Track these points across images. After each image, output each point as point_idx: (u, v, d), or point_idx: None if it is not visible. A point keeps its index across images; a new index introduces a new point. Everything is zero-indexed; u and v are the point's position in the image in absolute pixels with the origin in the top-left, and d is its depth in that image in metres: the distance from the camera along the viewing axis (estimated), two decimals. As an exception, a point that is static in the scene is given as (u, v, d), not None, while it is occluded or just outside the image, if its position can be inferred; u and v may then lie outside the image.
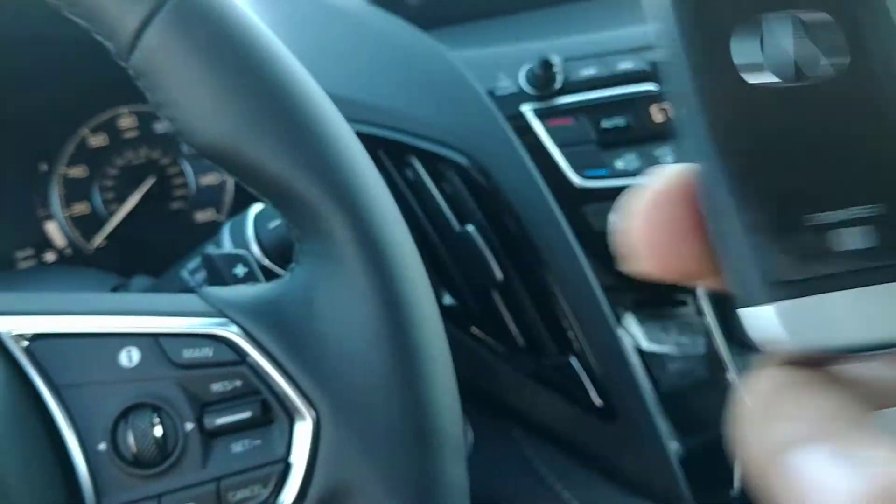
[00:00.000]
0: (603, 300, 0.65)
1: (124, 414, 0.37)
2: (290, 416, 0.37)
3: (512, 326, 0.66)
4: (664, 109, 0.70)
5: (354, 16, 0.73)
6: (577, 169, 0.68)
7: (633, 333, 0.68)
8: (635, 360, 0.66)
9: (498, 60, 0.71)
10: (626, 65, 0.70)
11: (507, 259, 0.66)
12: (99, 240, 0.80)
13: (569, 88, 0.69)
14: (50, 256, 0.80)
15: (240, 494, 0.37)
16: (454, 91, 0.67)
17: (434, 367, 0.37)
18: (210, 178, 0.83)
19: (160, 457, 0.37)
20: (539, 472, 0.68)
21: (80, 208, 0.80)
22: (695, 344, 0.68)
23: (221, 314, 0.38)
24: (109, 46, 0.37)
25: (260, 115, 0.36)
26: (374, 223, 0.36)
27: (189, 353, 0.37)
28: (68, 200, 0.80)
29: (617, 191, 0.67)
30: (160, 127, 0.81)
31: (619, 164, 0.68)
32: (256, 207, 0.57)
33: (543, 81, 0.68)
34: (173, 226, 0.82)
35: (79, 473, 0.36)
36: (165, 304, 0.38)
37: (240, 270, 0.45)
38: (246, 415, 0.37)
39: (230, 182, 0.83)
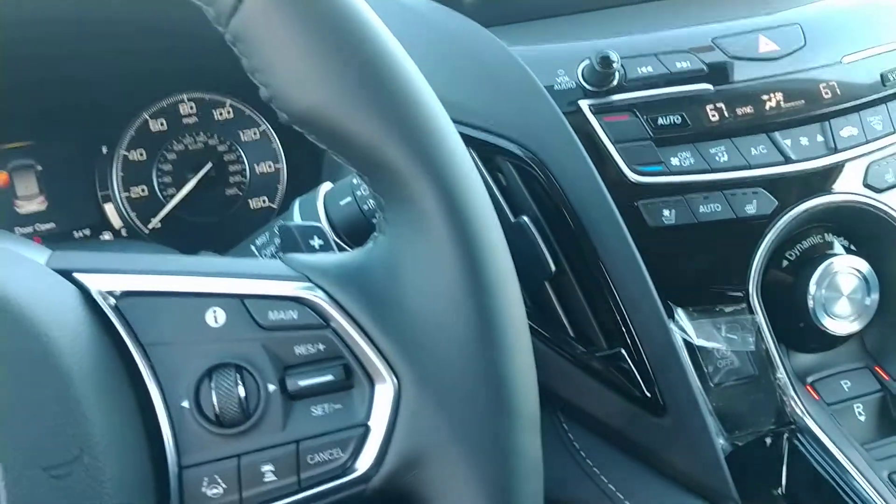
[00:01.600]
0: (655, 295, 0.66)
1: (208, 373, 0.38)
2: (371, 381, 0.38)
3: (563, 317, 0.67)
4: (719, 108, 0.70)
5: (416, 9, 0.74)
6: (632, 165, 0.68)
7: (684, 329, 0.68)
8: (685, 356, 0.66)
9: (557, 56, 0.71)
10: (682, 64, 0.71)
11: (561, 250, 0.66)
12: (155, 222, 0.81)
13: (626, 86, 0.69)
14: (106, 237, 0.81)
15: (318, 457, 0.38)
16: (513, 84, 0.68)
17: (514, 339, 0.38)
18: (265, 167, 0.84)
19: (242, 417, 0.38)
20: (584, 463, 0.68)
21: (138, 191, 0.82)
22: (745, 341, 0.69)
23: (306, 279, 0.39)
24: (208, 11, 0.38)
25: (353, 85, 0.37)
26: (460, 193, 0.37)
27: (274, 315, 0.38)
28: (127, 183, 0.81)
29: (671, 187, 0.68)
30: (219, 114, 0.83)
31: (674, 161, 0.69)
32: (326, 186, 0.58)
33: (602, 78, 0.68)
34: (227, 211, 0.83)
35: (162, 430, 0.37)
36: (251, 267, 0.39)
37: (316, 242, 0.46)
38: (328, 378, 0.38)
39: (284, 171, 0.84)
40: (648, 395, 0.65)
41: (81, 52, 0.77)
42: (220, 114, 0.83)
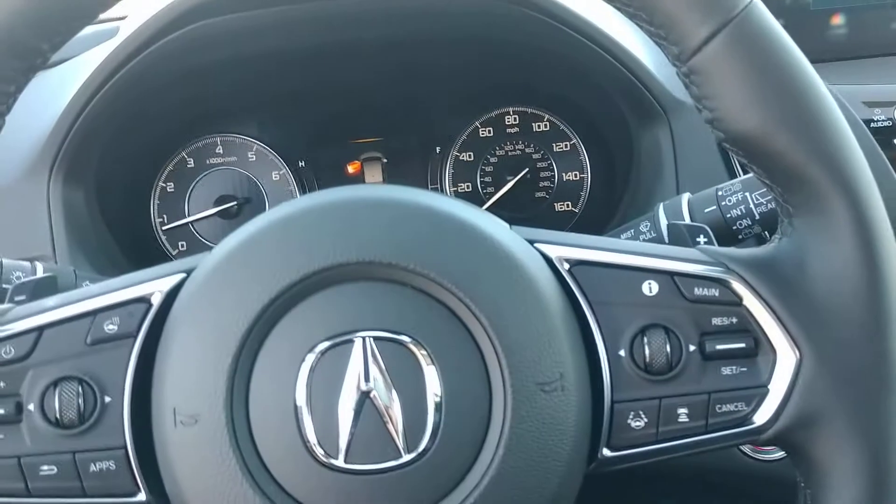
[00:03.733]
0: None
1: (642, 331, 0.48)
2: (775, 352, 0.47)
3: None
4: None
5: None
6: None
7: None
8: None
9: (863, 96, 0.78)
10: None
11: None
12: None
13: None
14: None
15: (725, 408, 0.47)
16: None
17: None
18: (571, 175, 0.95)
19: (667, 368, 0.47)
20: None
21: (464, 186, 0.95)
22: None
23: (724, 266, 0.48)
24: (670, 49, 0.48)
25: (787, 114, 0.45)
26: (867, 209, 0.45)
27: (699, 291, 0.48)
28: (455, 179, 0.95)
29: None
30: (537, 126, 0.95)
31: None
32: (687, 195, 0.67)
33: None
34: (534, 211, 0.95)
35: (602, 371, 0.48)
36: (674, 252, 0.49)
37: (701, 239, 0.55)
38: (739, 345, 0.47)
39: (588, 180, 0.95)
40: None
41: (428, 66, 0.91)
42: (538, 126, 0.95)
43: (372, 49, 0.87)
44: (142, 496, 0.46)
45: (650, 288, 0.48)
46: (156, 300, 0.47)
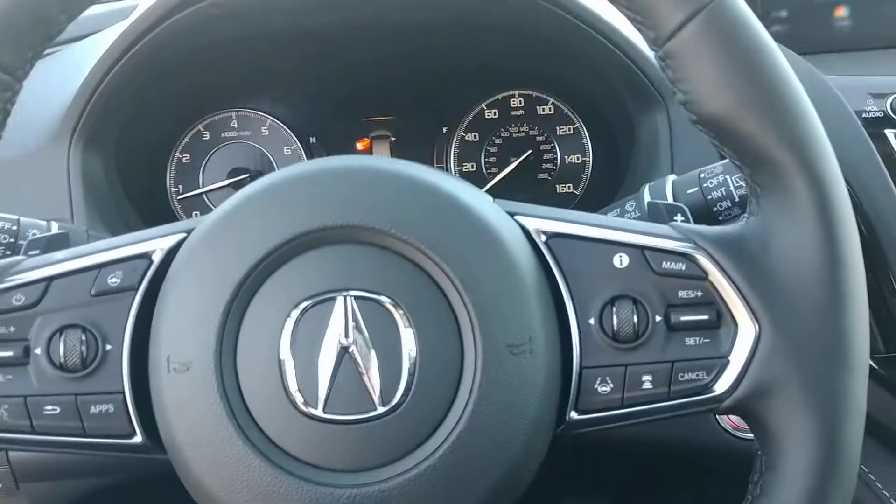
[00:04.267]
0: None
1: (612, 301, 0.50)
2: (736, 325, 0.49)
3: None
4: None
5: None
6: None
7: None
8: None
9: (867, 87, 0.79)
10: None
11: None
12: (478, 194, 0.96)
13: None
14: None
15: (687, 376, 0.50)
16: (829, 108, 0.77)
17: (860, 311, 0.48)
18: (574, 159, 0.97)
19: (633, 336, 0.50)
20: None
21: (469, 166, 0.98)
22: None
23: (693, 242, 0.50)
24: (647, 33, 0.50)
25: (755, 99, 0.48)
26: (830, 191, 0.47)
27: (667, 265, 0.50)
28: (460, 159, 0.97)
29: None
30: (542, 110, 0.97)
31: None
32: (672, 177, 0.69)
33: (910, 110, 0.76)
34: (536, 192, 0.97)
35: (572, 337, 0.50)
36: (647, 228, 0.52)
37: (679, 218, 0.57)
38: (702, 317, 0.50)
39: (590, 164, 0.97)
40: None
41: (439, 49, 0.94)
42: (543, 109, 0.97)
43: (385, 30, 0.90)
44: (137, 438, 0.50)
45: (621, 260, 0.51)
46: (157, 257, 0.50)
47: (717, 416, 0.76)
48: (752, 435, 0.77)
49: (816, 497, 0.47)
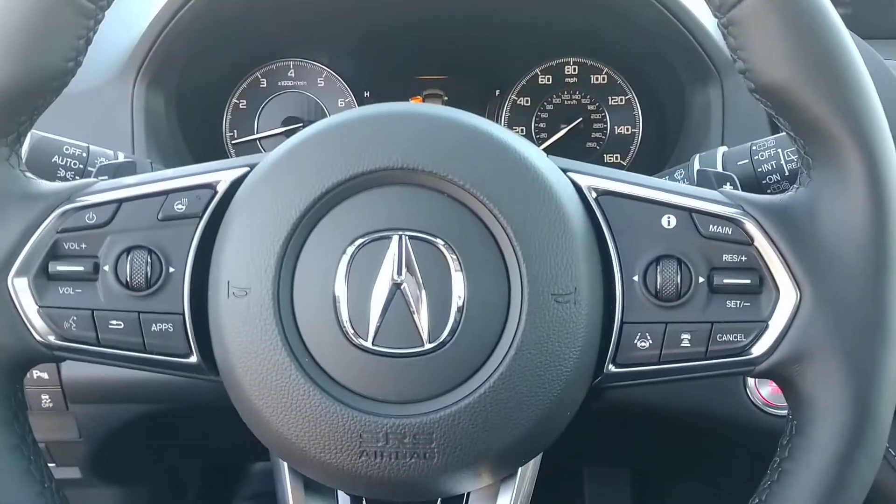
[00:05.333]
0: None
1: (657, 260, 0.51)
2: (778, 290, 0.50)
3: None
4: None
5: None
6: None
7: None
8: None
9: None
10: None
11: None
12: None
13: None
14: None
15: (725, 337, 0.51)
16: (886, 90, 0.76)
17: None
18: (623, 129, 0.98)
19: (675, 296, 0.51)
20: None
21: (518, 130, 0.99)
22: None
23: (741, 208, 0.51)
24: (712, 2, 0.51)
25: (815, 70, 0.48)
26: (886, 168, 0.48)
27: (713, 228, 0.51)
28: (511, 122, 0.99)
29: None
30: (595, 79, 0.98)
31: None
32: (723, 148, 0.70)
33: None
34: (582, 160, 0.97)
35: (616, 293, 0.52)
36: (696, 192, 0.53)
37: (727, 187, 0.58)
38: (745, 281, 0.51)
39: (639, 135, 0.98)
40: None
41: (497, 12, 0.95)
42: (597, 79, 0.98)
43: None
44: (193, 358, 0.52)
45: (669, 221, 0.52)
46: (221, 187, 0.53)
47: (748, 391, 0.77)
48: (781, 412, 0.78)
49: (844, 463, 0.49)
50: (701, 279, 0.51)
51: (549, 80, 0.98)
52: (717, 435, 0.83)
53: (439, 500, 0.60)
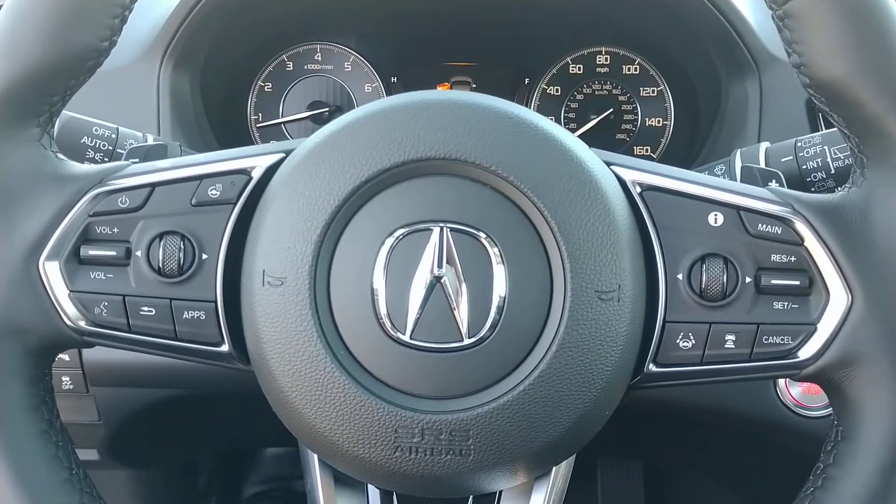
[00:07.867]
0: None
1: (702, 258, 0.50)
2: (828, 293, 0.49)
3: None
4: None
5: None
6: None
7: None
8: None
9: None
10: None
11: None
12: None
13: None
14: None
15: (771, 339, 0.49)
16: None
17: None
18: (654, 122, 0.96)
19: (720, 296, 0.50)
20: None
21: (547, 120, 0.97)
22: None
23: (791, 207, 0.50)
24: None
25: (873, 66, 0.47)
26: None
27: (762, 227, 0.50)
28: (540, 110, 0.97)
29: None
30: (627, 69, 0.96)
31: None
32: (765, 144, 0.68)
33: None
34: (613, 151, 0.96)
35: (658, 291, 0.50)
36: (744, 189, 0.51)
37: (774, 184, 0.57)
38: (794, 283, 0.49)
39: (671, 128, 0.96)
40: None
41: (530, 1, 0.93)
42: (629, 69, 0.96)
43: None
44: (225, 347, 0.51)
45: (716, 219, 0.50)
46: (256, 174, 0.51)
47: (779, 391, 0.76)
48: (812, 413, 0.77)
49: (892, 471, 0.47)
50: (748, 279, 0.50)
51: (580, 70, 0.97)
52: (743, 434, 0.82)
53: (471, 497, 0.58)
